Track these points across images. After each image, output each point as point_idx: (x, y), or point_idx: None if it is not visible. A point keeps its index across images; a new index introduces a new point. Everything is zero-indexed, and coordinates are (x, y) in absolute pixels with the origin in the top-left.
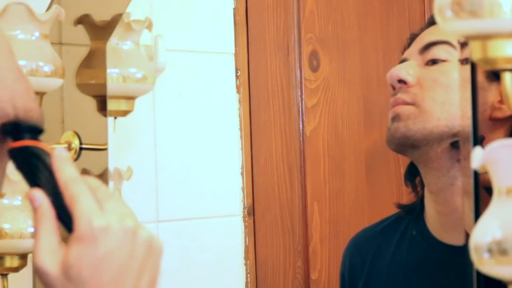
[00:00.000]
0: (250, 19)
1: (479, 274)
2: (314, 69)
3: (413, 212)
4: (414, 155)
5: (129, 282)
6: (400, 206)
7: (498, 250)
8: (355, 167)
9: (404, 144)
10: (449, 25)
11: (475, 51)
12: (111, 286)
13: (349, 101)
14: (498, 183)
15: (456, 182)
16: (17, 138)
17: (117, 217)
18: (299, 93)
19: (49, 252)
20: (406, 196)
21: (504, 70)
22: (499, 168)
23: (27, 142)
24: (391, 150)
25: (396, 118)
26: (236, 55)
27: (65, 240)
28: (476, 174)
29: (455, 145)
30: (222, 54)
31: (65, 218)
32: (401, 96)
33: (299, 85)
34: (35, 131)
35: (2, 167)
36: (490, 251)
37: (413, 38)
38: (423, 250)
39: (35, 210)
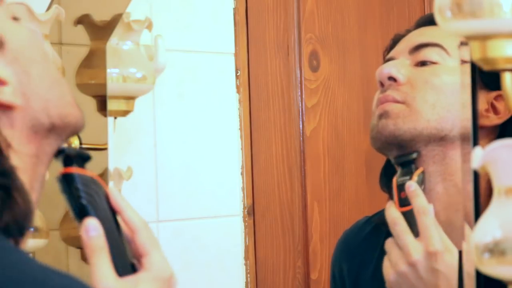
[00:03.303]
0: (250, 19)
1: (479, 274)
2: (314, 69)
3: None
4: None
5: None
6: (378, 222)
7: (498, 250)
8: (355, 167)
9: (391, 143)
10: (449, 25)
11: (475, 51)
12: None
13: (349, 101)
14: (498, 183)
15: (436, 187)
16: (66, 164)
17: (172, 269)
18: (299, 93)
19: (115, 280)
20: None
21: (504, 70)
22: (499, 168)
23: (77, 170)
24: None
25: (384, 115)
26: (236, 55)
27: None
28: (476, 174)
29: (397, 161)
30: (222, 54)
31: (113, 252)
32: (391, 93)
33: (299, 85)
34: (83, 158)
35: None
36: (490, 251)
37: (397, 39)
38: None
39: (91, 238)
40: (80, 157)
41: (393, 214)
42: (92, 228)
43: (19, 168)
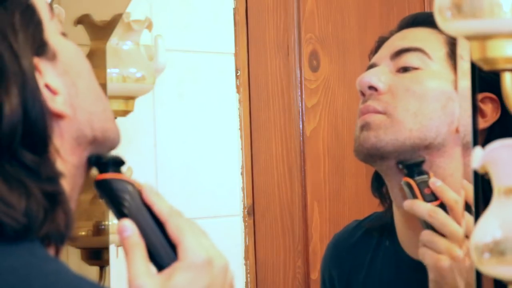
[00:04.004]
0: (250, 19)
1: (479, 274)
2: (314, 69)
3: (384, 230)
4: (382, 166)
5: None
6: (369, 228)
7: (498, 250)
8: (355, 167)
9: (374, 155)
10: (449, 25)
11: (474, 51)
12: None
13: (349, 101)
14: (498, 183)
15: None
16: (101, 170)
17: (215, 253)
18: (299, 93)
19: (148, 276)
20: None
21: (504, 70)
22: (499, 168)
23: (112, 175)
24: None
25: (366, 126)
26: (236, 55)
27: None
28: (476, 174)
29: (401, 165)
30: (222, 54)
31: (154, 247)
32: (372, 103)
33: (299, 85)
34: (118, 163)
35: (80, 187)
36: (490, 251)
37: (381, 42)
38: (394, 262)
39: (125, 238)
40: (115, 162)
41: (426, 206)
42: (125, 229)
43: (63, 177)
